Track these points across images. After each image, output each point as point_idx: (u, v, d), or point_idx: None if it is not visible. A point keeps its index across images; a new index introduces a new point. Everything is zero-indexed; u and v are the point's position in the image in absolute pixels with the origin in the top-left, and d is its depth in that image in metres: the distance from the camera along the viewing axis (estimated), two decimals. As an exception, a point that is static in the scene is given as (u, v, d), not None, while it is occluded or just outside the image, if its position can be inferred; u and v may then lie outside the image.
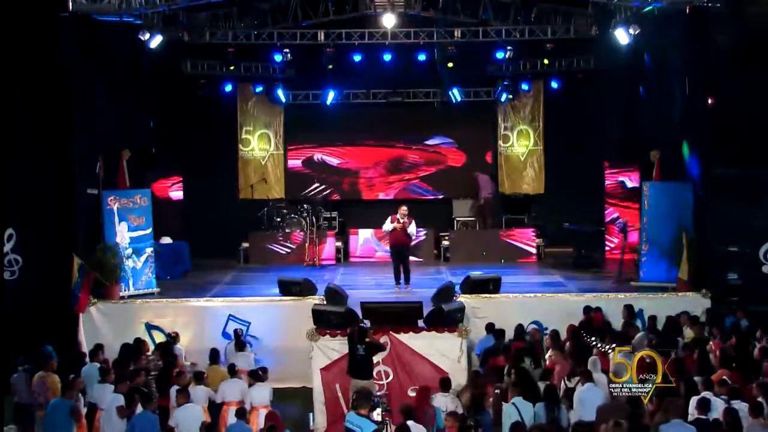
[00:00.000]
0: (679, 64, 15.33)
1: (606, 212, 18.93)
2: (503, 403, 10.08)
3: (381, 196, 21.08)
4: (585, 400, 9.97)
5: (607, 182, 18.97)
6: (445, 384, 11.14)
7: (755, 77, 13.58)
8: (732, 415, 9.05)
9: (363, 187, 21.16)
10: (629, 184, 18.66)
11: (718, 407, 9.40)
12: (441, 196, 21.00)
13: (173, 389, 10.98)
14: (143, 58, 16.90)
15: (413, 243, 16.82)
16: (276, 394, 12.01)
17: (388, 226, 15.88)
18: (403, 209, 15.93)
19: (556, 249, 19.36)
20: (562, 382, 10.67)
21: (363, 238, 19.35)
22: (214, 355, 12.46)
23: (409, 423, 9.36)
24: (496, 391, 10.42)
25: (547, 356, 11.89)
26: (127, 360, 12.12)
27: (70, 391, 10.62)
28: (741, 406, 9.30)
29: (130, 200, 15.17)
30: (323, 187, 21.05)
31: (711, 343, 11.71)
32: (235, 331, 13.47)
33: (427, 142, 21.11)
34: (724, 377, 10.13)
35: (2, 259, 13.32)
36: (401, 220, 15.74)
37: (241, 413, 10.37)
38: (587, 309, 13.45)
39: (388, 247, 18.33)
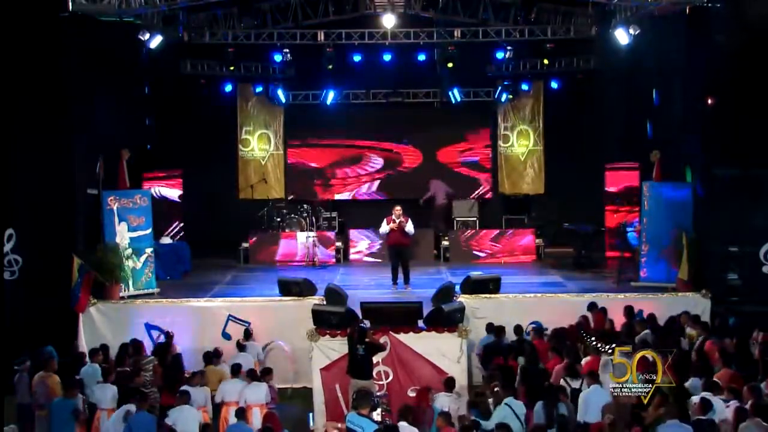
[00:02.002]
0: (679, 63, 15.33)
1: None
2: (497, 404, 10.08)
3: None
4: (590, 401, 9.98)
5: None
6: (449, 384, 11.17)
7: (755, 77, 13.57)
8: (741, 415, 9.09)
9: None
10: (610, 189, 18.76)
11: (718, 408, 9.42)
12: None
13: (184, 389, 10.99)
14: (143, 58, 16.89)
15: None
16: (276, 394, 12.00)
17: (384, 228, 15.88)
18: (397, 209, 15.93)
19: (556, 249, 19.36)
20: (562, 381, 10.68)
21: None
22: (208, 357, 12.45)
23: (402, 424, 9.33)
24: (496, 390, 10.45)
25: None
26: (123, 361, 12.13)
27: (72, 391, 10.63)
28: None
29: (130, 200, 15.17)
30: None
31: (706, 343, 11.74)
32: (246, 329, 13.49)
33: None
34: (716, 380, 10.15)
35: (2, 259, 13.31)
36: (397, 220, 15.74)
37: (241, 413, 10.38)
38: (592, 306, 13.44)
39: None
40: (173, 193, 18.69)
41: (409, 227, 15.89)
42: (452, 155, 21.25)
